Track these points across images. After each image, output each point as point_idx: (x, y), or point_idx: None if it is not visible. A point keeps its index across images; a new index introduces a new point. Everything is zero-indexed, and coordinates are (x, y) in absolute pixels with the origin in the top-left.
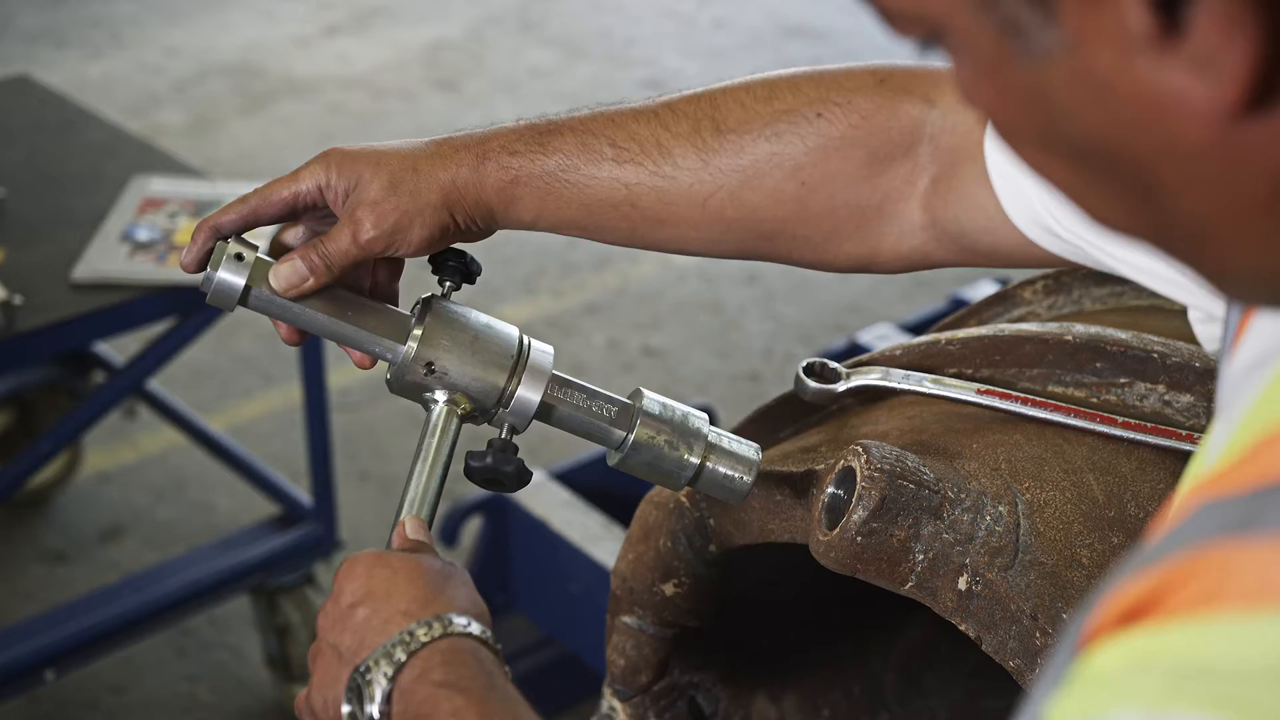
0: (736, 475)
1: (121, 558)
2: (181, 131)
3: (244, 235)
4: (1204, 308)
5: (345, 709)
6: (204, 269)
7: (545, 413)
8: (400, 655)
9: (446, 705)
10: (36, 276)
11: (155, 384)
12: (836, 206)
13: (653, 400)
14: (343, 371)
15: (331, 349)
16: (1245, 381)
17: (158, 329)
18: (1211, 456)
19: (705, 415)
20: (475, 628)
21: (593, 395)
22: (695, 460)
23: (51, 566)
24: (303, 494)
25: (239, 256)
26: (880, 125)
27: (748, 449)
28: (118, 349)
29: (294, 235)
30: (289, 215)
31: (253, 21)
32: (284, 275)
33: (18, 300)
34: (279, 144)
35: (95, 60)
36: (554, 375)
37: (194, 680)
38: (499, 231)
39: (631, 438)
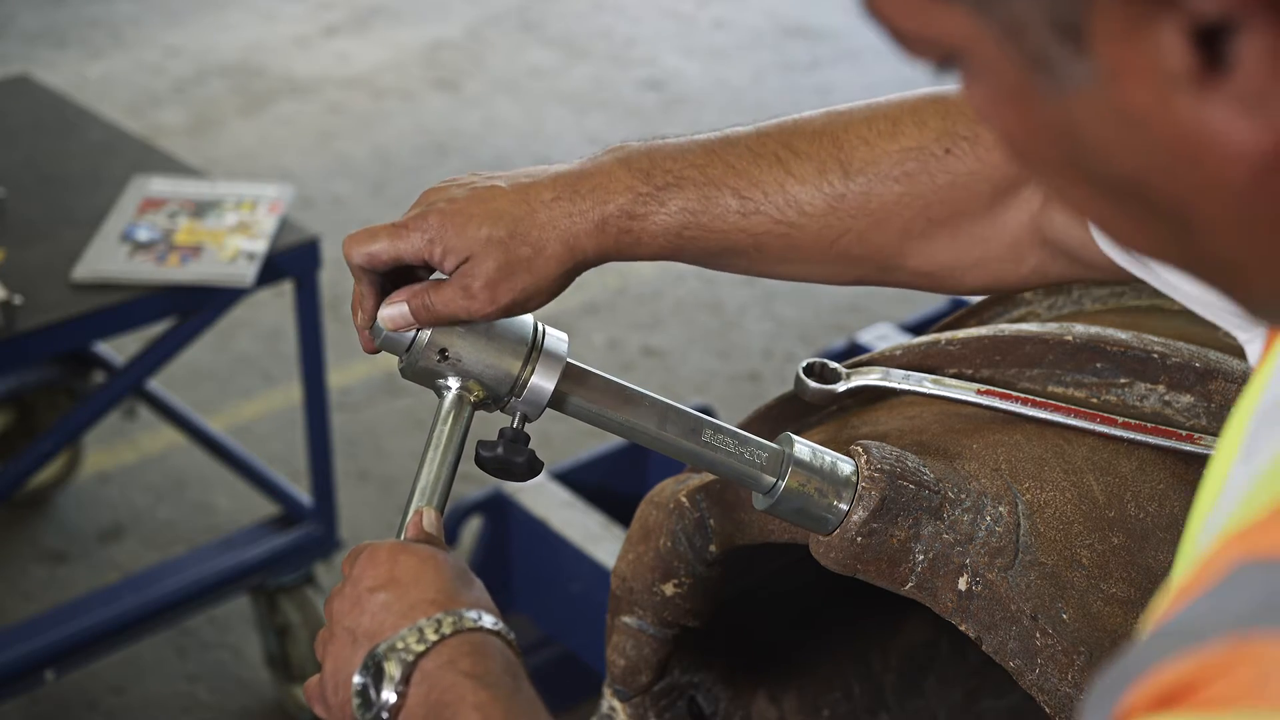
0: None
1: (121, 558)
2: (181, 131)
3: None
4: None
5: (357, 679)
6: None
7: (559, 402)
8: (429, 637)
9: (471, 698)
10: (36, 276)
11: (155, 384)
12: (960, 240)
13: (803, 447)
14: (343, 371)
15: (332, 349)
16: (1276, 415)
17: (158, 329)
18: (1238, 489)
19: (853, 461)
20: (503, 628)
21: (743, 440)
22: (844, 507)
23: (51, 566)
24: (303, 494)
25: None
26: (1003, 158)
27: None
28: (118, 349)
29: None
30: (398, 272)
31: (253, 21)
32: (391, 318)
33: (18, 300)
34: (279, 144)
35: (95, 60)
36: (705, 420)
37: (194, 680)
38: None
39: (783, 485)
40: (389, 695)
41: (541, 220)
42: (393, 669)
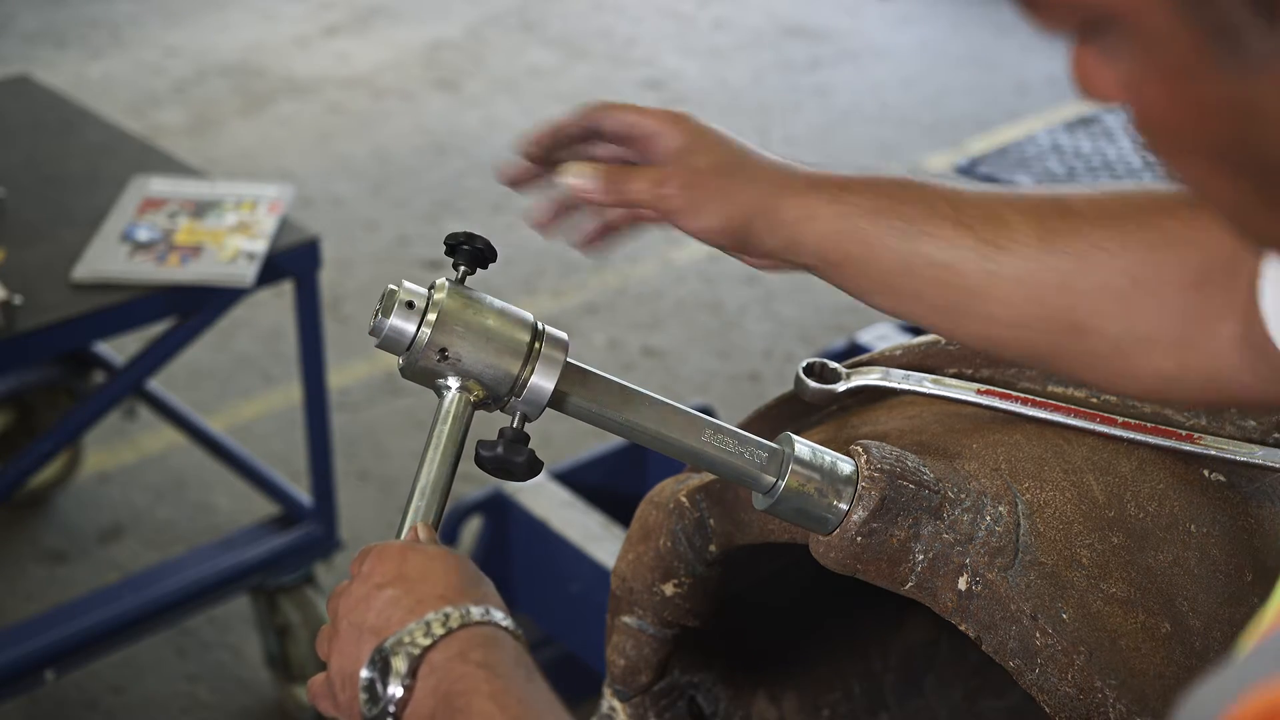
0: None
1: (121, 558)
2: (181, 131)
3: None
4: None
5: (365, 673)
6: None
7: (559, 402)
8: (436, 631)
9: (485, 687)
10: (36, 276)
11: (155, 384)
12: (1161, 308)
13: (803, 447)
14: (343, 371)
15: (332, 349)
16: None
17: (158, 329)
18: None
19: (853, 461)
20: (512, 625)
21: (743, 440)
22: (844, 507)
23: (51, 566)
24: (303, 494)
25: (410, 304)
26: (1220, 234)
27: None
28: (118, 349)
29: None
30: (620, 140)
31: (253, 21)
32: (579, 178)
33: (18, 300)
34: (279, 144)
35: (95, 60)
36: (705, 420)
37: (194, 680)
38: (495, 229)
39: (782, 485)
40: (395, 689)
41: (764, 161)
42: (399, 663)
